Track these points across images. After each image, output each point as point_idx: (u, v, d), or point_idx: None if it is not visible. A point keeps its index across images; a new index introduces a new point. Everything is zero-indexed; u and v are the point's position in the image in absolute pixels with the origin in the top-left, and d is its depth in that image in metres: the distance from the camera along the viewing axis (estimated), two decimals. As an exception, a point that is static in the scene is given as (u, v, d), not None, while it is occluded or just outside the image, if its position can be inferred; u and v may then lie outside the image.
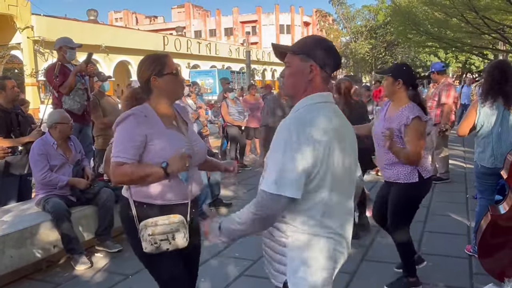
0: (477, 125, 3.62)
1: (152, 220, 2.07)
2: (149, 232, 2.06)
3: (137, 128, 2.06)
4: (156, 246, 2.07)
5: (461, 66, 42.25)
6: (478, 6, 12.57)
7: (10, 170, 4.33)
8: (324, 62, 1.63)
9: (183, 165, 2.03)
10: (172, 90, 2.19)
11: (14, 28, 17.28)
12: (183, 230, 2.11)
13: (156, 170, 2.03)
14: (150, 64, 2.16)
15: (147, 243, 2.07)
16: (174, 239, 2.09)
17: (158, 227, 2.06)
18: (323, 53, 1.64)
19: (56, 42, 5.21)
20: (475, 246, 3.64)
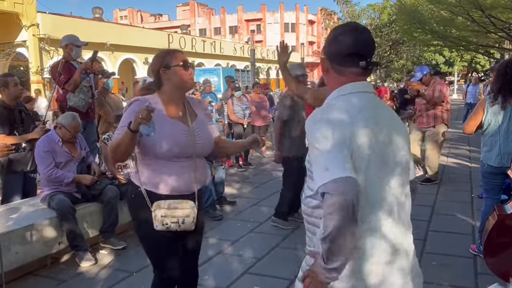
0: (484, 123, 3.59)
1: (165, 202, 2.20)
2: (162, 214, 2.19)
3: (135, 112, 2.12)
4: (167, 226, 2.21)
5: (467, 65, 42.06)
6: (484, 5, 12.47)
7: (13, 167, 4.35)
8: (329, 53, 1.51)
9: (137, 118, 1.98)
10: (179, 82, 2.26)
11: (20, 26, 17.33)
12: (192, 215, 2.25)
13: (124, 132, 2.07)
14: (160, 58, 2.29)
15: (158, 222, 2.20)
16: (184, 223, 2.23)
17: (170, 211, 2.20)
18: (328, 45, 1.52)
19: (63, 39, 5.22)
20: (480, 246, 3.62)
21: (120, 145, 2.10)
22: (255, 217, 5.17)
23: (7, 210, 4.04)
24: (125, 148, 2.10)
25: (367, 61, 1.46)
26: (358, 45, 1.46)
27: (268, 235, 4.55)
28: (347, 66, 1.47)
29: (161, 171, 2.22)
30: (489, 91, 3.64)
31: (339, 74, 1.49)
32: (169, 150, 2.19)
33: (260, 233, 4.67)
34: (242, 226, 4.89)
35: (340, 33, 1.50)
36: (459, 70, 42.91)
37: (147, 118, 1.97)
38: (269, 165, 8.58)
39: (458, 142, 10.88)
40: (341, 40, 1.47)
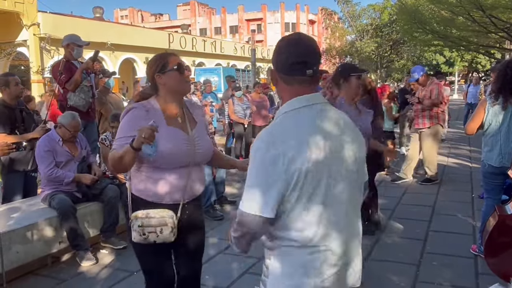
0: (485, 123, 3.59)
1: (143, 212, 2.14)
2: (139, 223, 2.14)
3: (134, 121, 2.10)
4: (144, 237, 2.15)
5: (467, 65, 42.05)
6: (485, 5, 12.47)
7: (14, 166, 4.36)
8: (277, 64, 1.52)
9: (140, 137, 1.94)
10: (174, 86, 2.20)
11: (20, 25, 17.32)
12: (171, 226, 2.16)
13: (125, 148, 2.02)
14: (154, 62, 2.22)
15: (136, 233, 2.15)
16: (162, 233, 2.15)
17: (148, 220, 2.13)
18: (275, 56, 1.53)
19: (64, 38, 5.22)
20: (481, 246, 3.62)
21: (123, 159, 2.03)
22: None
23: (8, 209, 4.05)
24: (128, 163, 2.05)
25: (313, 69, 1.48)
26: (303, 53, 1.48)
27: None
28: (294, 75, 1.49)
29: (155, 179, 2.15)
30: (490, 91, 3.64)
31: (287, 84, 1.51)
32: (168, 160, 2.12)
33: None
34: (243, 225, 4.89)
35: (286, 43, 1.52)
36: (460, 70, 42.89)
37: (150, 138, 1.93)
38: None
39: (458, 142, 10.87)
40: (287, 50, 1.50)
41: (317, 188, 1.43)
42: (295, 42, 1.50)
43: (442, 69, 39.57)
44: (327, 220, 1.46)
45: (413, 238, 4.39)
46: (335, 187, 1.47)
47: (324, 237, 1.47)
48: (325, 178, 1.44)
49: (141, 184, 2.18)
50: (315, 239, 1.46)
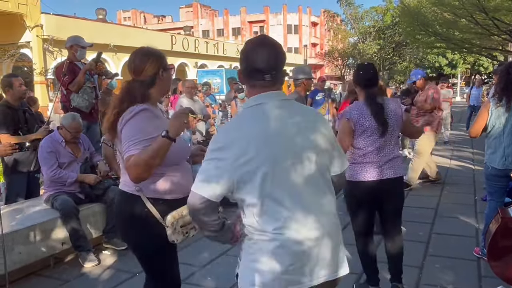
0: (488, 125, 3.58)
1: (177, 213, 2.10)
2: (181, 224, 2.11)
3: (148, 122, 2.04)
4: (187, 235, 2.16)
5: (470, 68, 42.00)
6: (488, 7, 12.46)
7: (18, 167, 4.38)
8: (242, 69, 1.67)
9: (181, 123, 1.96)
10: (167, 87, 2.26)
11: (23, 26, 17.38)
12: None
13: (160, 142, 1.94)
14: (159, 57, 2.18)
15: (178, 234, 2.12)
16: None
17: (186, 218, 2.10)
18: (240, 61, 1.67)
19: (68, 40, 5.24)
20: (484, 249, 3.61)
21: (157, 156, 1.94)
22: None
23: (11, 210, 4.06)
24: (161, 160, 1.97)
25: (271, 74, 1.60)
26: (261, 61, 1.60)
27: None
28: (256, 79, 1.62)
29: (171, 176, 2.13)
30: (493, 93, 3.63)
31: (251, 87, 1.65)
32: (177, 155, 2.14)
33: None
34: (245, 227, 4.88)
35: (247, 49, 1.64)
36: (462, 72, 42.84)
37: (190, 123, 1.97)
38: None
39: (461, 144, 10.85)
40: (248, 57, 1.63)
41: (266, 178, 1.53)
42: (255, 49, 1.62)
43: (445, 71, 39.54)
44: (283, 208, 1.55)
45: (416, 240, 4.37)
46: (284, 176, 1.56)
47: (282, 226, 1.54)
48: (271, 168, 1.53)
49: (157, 186, 2.11)
50: (271, 227, 1.54)
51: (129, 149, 1.97)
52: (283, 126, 1.59)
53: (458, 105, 23.53)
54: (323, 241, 1.60)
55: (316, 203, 1.62)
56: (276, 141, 1.56)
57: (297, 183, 1.58)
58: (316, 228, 1.59)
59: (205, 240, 4.43)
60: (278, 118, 1.59)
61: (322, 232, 1.60)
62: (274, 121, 1.58)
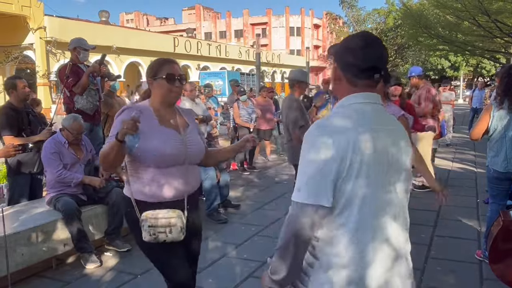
0: (490, 128, 3.58)
1: (153, 213, 2.19)
2: (149, 224, 2.18)
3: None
4: (154, 237, 2.19)
5: (472, 70, 41.92)
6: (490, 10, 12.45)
7: (21, 169, 4.39)
8: (345, 64, 1.47)
9: (123, 128, 1.99)
10: (161, 94, 2.27)
11: (27, 28, 17.48)
12: (179, 225, 2.21)
13: (112, 142, 2.06)
14: (151, 66, 2.32)
15: (146, 233, 2.19)
16: (171, 232, 2.20)
17: (158, 220, 2.18)
18: (343, 55, 1.48)
19: (71, 42, 5.26)
20: (486, 251, 3.60)
21: (109, 155, 2.08)
22: (259, 221, 5.17)
23: (13, 211, 4.07)
24: (114, 157, 2.09)
25: (380, 74, 1.45)
26: (375, 59, 1.45)
27: (272, 239, 4.55)
28: (362, 78, 1.45)
29: (152, 179, 2.20)
30: (495, 95, 3.63)
31: (352, 85, 1.47)
32: (161, 158, 2.17)
33: (265, 236, 4.67)
34: (247, 229, 4.90)
35: (357, 45, 1.46)
36: (465, 74, 42.75)
37: (133, 129, 1.97)
38: (273, 168, 8.59)
39: (463, 147, 10.84)
40: (359, 53, 1.45)
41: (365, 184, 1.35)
42: (368, 46, 1.46)
43: (447, 74, 39.48)
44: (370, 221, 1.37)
45: (418, 243, 4.36)
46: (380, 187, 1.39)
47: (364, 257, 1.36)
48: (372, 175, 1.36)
49: (142, 187, 2.22)
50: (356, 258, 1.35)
51: (107, 140, 2.22)
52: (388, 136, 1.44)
53: (460, 107, 23.50)
54: None
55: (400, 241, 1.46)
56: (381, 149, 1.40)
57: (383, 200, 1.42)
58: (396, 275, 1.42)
59: (206, 242, 4.45)
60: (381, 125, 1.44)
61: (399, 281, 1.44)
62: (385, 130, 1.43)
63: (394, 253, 1.42)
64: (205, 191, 5.23)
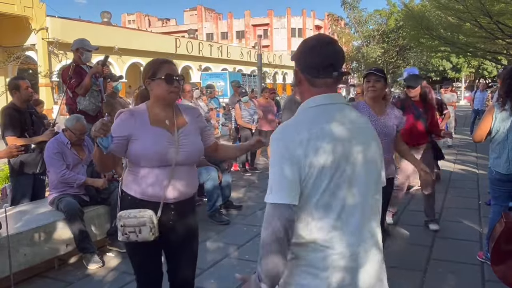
0: (492, 130, 3.58)
1: (126, 212, 2.23)
2: (121, 223, 2.22)
3: (118, 127, 2.20)
4: (126, 236, 2.23)
5: (474, 71, 41.88)
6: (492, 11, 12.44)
7: (24, 169, 4.41)
8: (304, 65, 1.53)
9: (93, 131, 2.01)
10: (160, 95, 2.26)
11: (29, 29, 17.52)
12: (149, 225, 2.20)
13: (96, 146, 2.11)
14: (148, 67, 2.32)
15: (120, 232, 2.25)
16: (141, 233, 2.20)
17: (129, 220, 2.21)
18: (302, 57, 1.55)
19: (74, 43, 5.27)
20: (488, 253, 3.60)
21: (95, 157, 2.19)
22: (261, 222, 5.13)
23: (16, 211, 4.08)
24: (99, 159, 2.16)
25: (338, 72, 1.50)
26: (332, 56, 1.51)
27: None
28: (321, 77, 1.51)
29: (140, 176, 2.23)
30: (497, 97, 3.63)
31: (312, 85, 1.53)
32: (149, 157, 2.20)
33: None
34: (248, 230, 4.90)
35: (313, 45, 1.53)
36: (467, 76, 42.71)
37: (100, 131, 1.98)
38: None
39: (465, 148, 10.83)
40: (316, 52, 1.51)
41: (328, 185, 1.41)
42: (323, 45, 1.51)
43: (449, 75, 39.45)
44: (337, 222, 1.44)
45: (419, 244, 4.37)
46: (345, 188, 1.44)
47: (332, 239, 1.44)
48: (336, 175, 1.42)
49: (129, 182, 2.28)
50: (323, 240, 1.44)
51: None
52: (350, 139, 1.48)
53: (462, 109, 23.49)
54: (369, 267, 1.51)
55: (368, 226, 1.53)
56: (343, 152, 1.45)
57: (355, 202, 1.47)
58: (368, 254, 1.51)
59: (208, 242, 4.45)
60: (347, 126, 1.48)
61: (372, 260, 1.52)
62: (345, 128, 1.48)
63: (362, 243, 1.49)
64: (207, 192, 5.24)
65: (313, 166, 1.39)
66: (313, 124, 1.43)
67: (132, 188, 2.26)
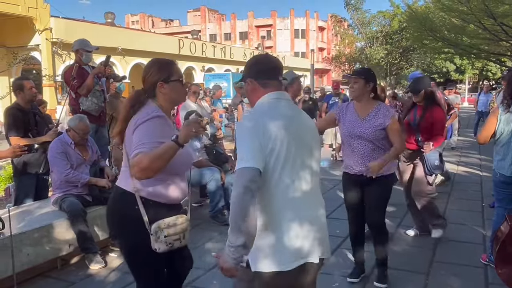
0: (497, 132, 3.56)
1: (164, 222, 2.13)
2: (165, 234, 2.12)
3: (162, 128, 2.12)
4: (170, 246, 2.15)
5: (478, 73, 41.73)
6: (496, 13, 12.40)
7: (27, 169, 4.42)
8: (256, 73, 1.96)
9: (190, 130, 2.00)
10: (177, 97, 2.27)
11: (33, 30, 17.57)
12: (189, 229, 2.25)
13: (167, 145, 1.98)
14: (159, 70, 2.22)
15: (161, 243, 2.12)
16: (185, 238, 2.21)
17: (172, 228, 2.14)
18: (252, 68, 1.99)
19: (74, 44, 5.29)
20: (491, 255, 3.59)
21: (162, 159, 1.97)
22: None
23: (19, 211, 4.09)
24: (166, 163, 2.00)
25: (282, 76, 2.00)
26: (276, 64, 2.02)
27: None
28: (271, 79, 1.95)
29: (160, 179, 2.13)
30: (502, 99, 3.61)
31: (265, 87, 1.95)
32: (179, 166, 2.18)
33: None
34: (251, 231, 4.89)
35: (261, 57, 2.07)
36: (470, 78, 42.57)
37: (200, 131, 2.02)
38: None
39: (468, 150, 10.80)
40: (263, 61, 2.01)
41: (287, 159, 1.80)
42: (266, 57, 2.08)
43: (453, 77, 39.33)
44: (298, 191, 1.84)
45: (422, 246, 4.36)
46: (300, 162, 1.85)
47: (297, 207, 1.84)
48: (292, 151, 1.82)
49: (153, 188, 2.15)
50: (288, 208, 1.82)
51: (137, 147, 2.01)
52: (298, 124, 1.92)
53: (465, 110, 23.42)
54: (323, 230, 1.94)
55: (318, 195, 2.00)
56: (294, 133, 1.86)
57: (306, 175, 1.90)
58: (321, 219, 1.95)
59: (211, 243, 4.45)
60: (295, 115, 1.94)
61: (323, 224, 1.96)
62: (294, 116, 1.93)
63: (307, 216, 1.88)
64: (210, 193, 5.24)
65: (276, 141, 1.78)
66: (269, 112, 1.87)
67: (156, 193, 2.15)
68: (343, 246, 4.33)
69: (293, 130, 1.85)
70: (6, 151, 3.88)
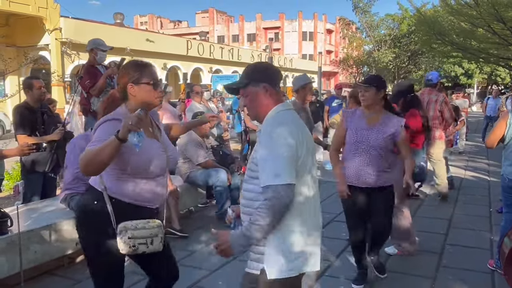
0: (506, 137, 3.54)
1: (132, 223, 2.10)
2: (129, 235, 2.08)
3: (113, 128, 2.01)
4: (134, 248, 2.10)
5: (487, 78, 41.46)
6: (506, 17, 12.31)
7: (34, 167, 4.45)
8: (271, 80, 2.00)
9: (126, 123, 1.89)
10: (145, 100, 2.16)
11: (43, 29, 17.73)
12: (160, 235, 2.16)
13: (109, 140, 1.92)
14: (130, 70, 2.18)
15: (125, 245, 2.09)
16: (152, 244, 2.14)
17: (138, 231, 2.09)
18: (268, 72, 2.03)
19: (89, 43, 5.31)
20: (499, 261, 3.56)
21: (100, 155, 1.91)
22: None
23: (27, 209, 4.13)
24: (107, 157, 1.92)
25: None
26: (280, 74, 2.08)
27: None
28: (278, 88, 2.02)
29: (135, 183, 2.13)
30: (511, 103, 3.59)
31: (276, 94, 2.00)
32: (152, 170, 2.14)
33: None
34: (256, 233, 4.89)
35: (268, 65, 2.11)
36: (479, 82, 42.30)
37: (137, 125, 1.89)
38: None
39: (476, 155, 10.72)
40: (273, 71, 2.05)
41: (305, 167, 1.89)
42: (272, 66, 2.12)
43: (461, 81, 39.11)
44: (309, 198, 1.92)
45: (429, 251, 4.33)
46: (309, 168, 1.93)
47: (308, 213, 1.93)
48: (309, 159, 1.92)
49: (120, 187, 2.13)
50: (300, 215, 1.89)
51: (89, 144, 2.03)
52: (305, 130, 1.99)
53: (473, 115, 23.26)
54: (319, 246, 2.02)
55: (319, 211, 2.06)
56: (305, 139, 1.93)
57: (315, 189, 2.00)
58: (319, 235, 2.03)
59: (217, 245, 4.45)
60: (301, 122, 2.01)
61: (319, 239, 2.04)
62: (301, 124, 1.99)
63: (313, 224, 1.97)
64: (216, 194, 5.25)
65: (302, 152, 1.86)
66: (294, 120, 1.95)
67: (118, 192, 2.12)
68: (348, 249, 4.31)
69: (308, 139, 1.95)
70: (14, 150, 3.91)
